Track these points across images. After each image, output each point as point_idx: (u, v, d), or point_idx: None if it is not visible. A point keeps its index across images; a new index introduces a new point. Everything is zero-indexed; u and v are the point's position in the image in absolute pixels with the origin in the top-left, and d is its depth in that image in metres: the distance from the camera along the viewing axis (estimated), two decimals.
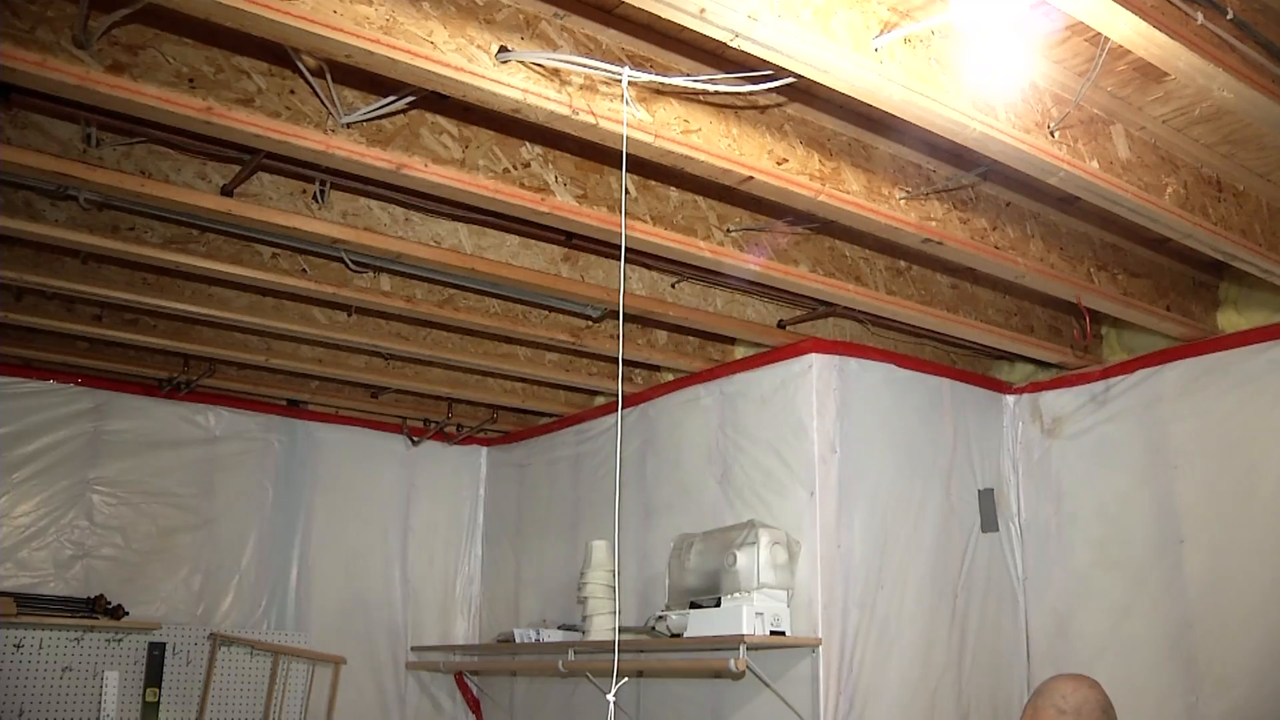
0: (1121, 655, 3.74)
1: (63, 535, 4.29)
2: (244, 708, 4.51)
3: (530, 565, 4.89)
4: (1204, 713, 3.49)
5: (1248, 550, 3.46)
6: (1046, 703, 2.52)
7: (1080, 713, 2.49)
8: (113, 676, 4.24)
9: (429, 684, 5.06)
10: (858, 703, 3.46)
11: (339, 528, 4.93)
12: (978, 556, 3.95)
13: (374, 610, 4.97)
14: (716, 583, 3.47)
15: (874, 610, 3.57)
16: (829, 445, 3.60)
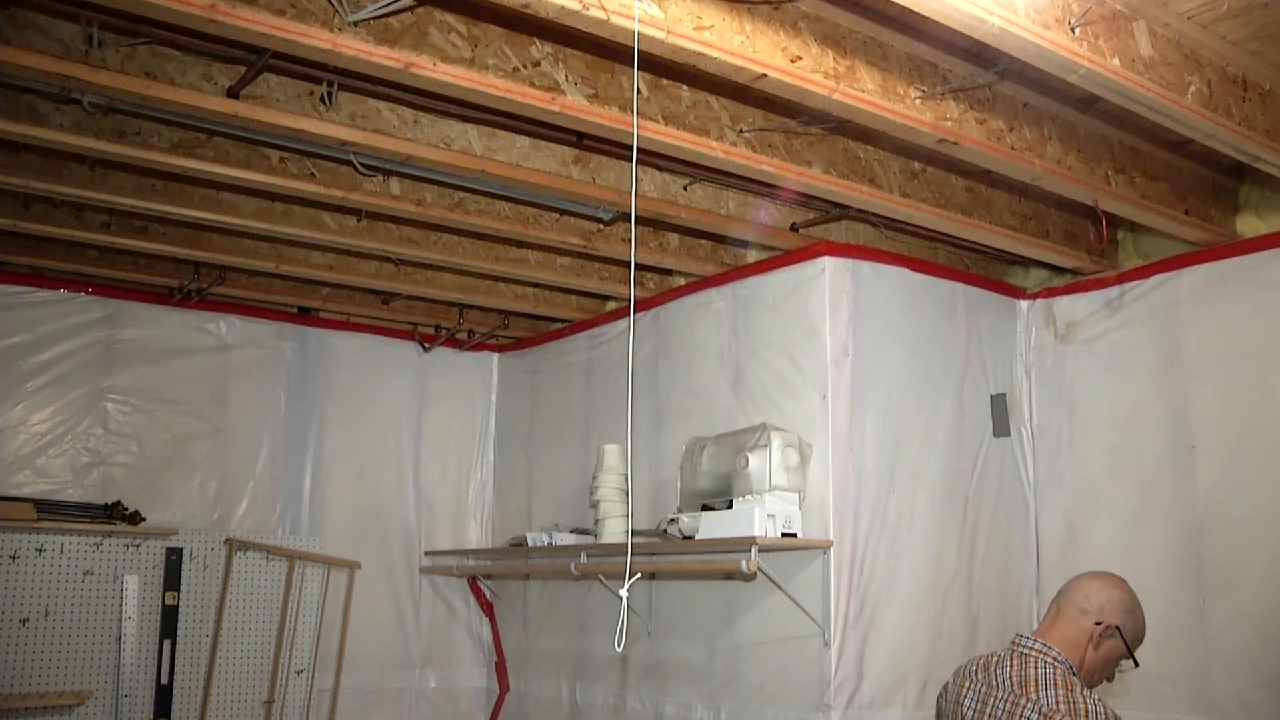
0: (1131, 560, 3.76)
1: (79, 443, 4.33)
2: (260, 611, 4.59)
3: (542, 471, 4.92)
4: (1210, 616, 3.52)
5: (1260, 456, 3.47)
6: (1070, 604, 2.53)
7: (1104, 612, 2.50)
8: (132, 580, 4.31)
9: (443, 588, 5.13)
10: (868, 605, 3.50)
11: (352, 435, 4.96)
12: (989, 462, 3.96)
13: (388, 516, 5.02)
14: (728, 485, 3.49)
15: (885, 513, 3.59)
16: (841, 349, 3.59)
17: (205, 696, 4.41)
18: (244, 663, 4.52)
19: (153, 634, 4.35)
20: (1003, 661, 2.52)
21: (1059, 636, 2.50)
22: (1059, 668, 2.45)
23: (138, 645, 4.30)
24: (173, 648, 4.37)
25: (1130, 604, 2.55)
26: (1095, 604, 2.51)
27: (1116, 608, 2.53)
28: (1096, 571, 2.69)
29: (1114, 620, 2.50)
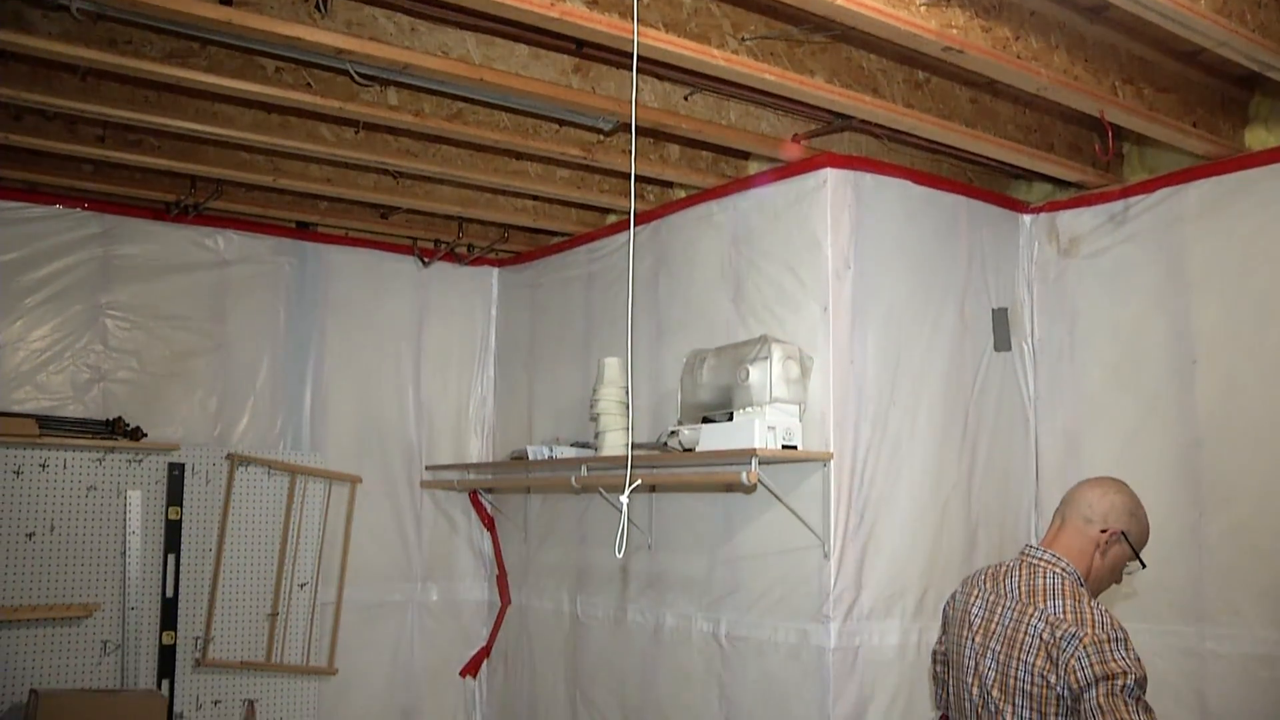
0: (1129, 475, 3.70)
1: (79, 359, 4.32)
2: (263, 526, 4.62)
3: (543, 385, 4.93)
4: (1206, 529, 3.55)
5: (1261, 371, 3.46)
6: (1074, 513, 2.56)
7: (1108, 519, 2.53)
8: (135, 496, 4.33)
9: (444, 502, 5.16)
10: (868, 517, 3.52)
11: (352, 350, 4.95)
12: (990, 376, 3.95)
13: (388, 431, 5.03)
14: (729, 398, 3.48)
15: (885, 427, 3.59)
16: (843, 261, 3.57)
17: (210, 609, 4.46)
18: (247, 576, 4.57)
19: (157, 548, 4.39)
20: (1011, 571, 2.55)
21: (1066, 546, 2.53)
22: (1067, 578, 2.47)
23: (142, 559, 4.33)
24: (177, 562, 4.41)
25: (1132, 506, 2.57)
26: (1099, 512, 2.53)
27: (1120, 513, 2.55)
28: (1097, 478, 2.70)
29: (1119, 526, 2.53)
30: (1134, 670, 2.31)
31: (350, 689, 4.82)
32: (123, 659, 4.26)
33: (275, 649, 4.59)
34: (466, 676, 5.14)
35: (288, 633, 4.63)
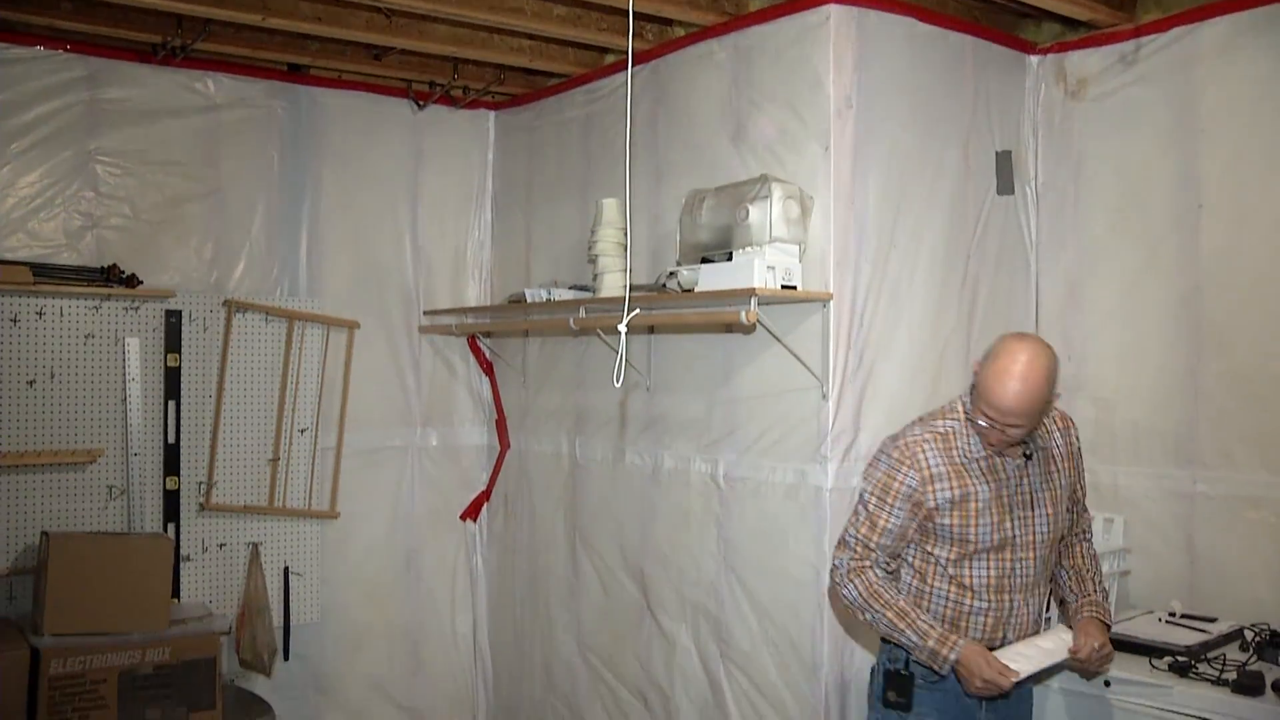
0: (1130, 321, 3.78)
1: (70, 206, 4.26)
2: (262, 372, 4.63)
3: (541, 229, 4.88)
4: (1202, 374, 3.56)
5: (1268, 216, 3.43)
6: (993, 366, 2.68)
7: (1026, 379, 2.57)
8: (133, 343, 4.33)
9: (442, 347, 5.17)
10: (867, 358, 3.52)
11: (347, 195, 4.89)
12: (992, 220, 3.91)
13: (386, 276, 5.00)
14: (728, 237, 3.45)
15: (886, 268, 3.56)
16: (845, 100, 3.49)
17: (212, 455, 4.50)
18: (248, 422, 4.60)
19: (157, 395, 4.40)
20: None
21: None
22: (925, 417, 2.87)
23: (143, 406, 4.35)
24: (178, 408, 4.43)
25: (992, 362, 2.65)
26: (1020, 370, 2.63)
27: (983, 360, 2.68)
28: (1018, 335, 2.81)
29: (974, 369, 2.70)
30: (869, 486, 2.82)
31: (352, 532, 4.90)
32: (128, 503, 4.32)
33: (277, 493, 4.65)
34: (467, 520, 5.22)
35: (289, 478, 4.69)
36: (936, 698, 2.78)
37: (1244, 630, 3.26)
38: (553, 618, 4.73)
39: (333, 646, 4.87)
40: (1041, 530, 2.79)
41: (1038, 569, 2.81)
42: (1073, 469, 2.90)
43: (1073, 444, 2.90)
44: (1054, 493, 2.82)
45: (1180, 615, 3.45)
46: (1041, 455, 2.81)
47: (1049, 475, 2.82)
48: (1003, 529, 2.74)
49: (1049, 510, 2.80)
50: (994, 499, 2.74)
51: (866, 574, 2.78)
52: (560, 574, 4.69)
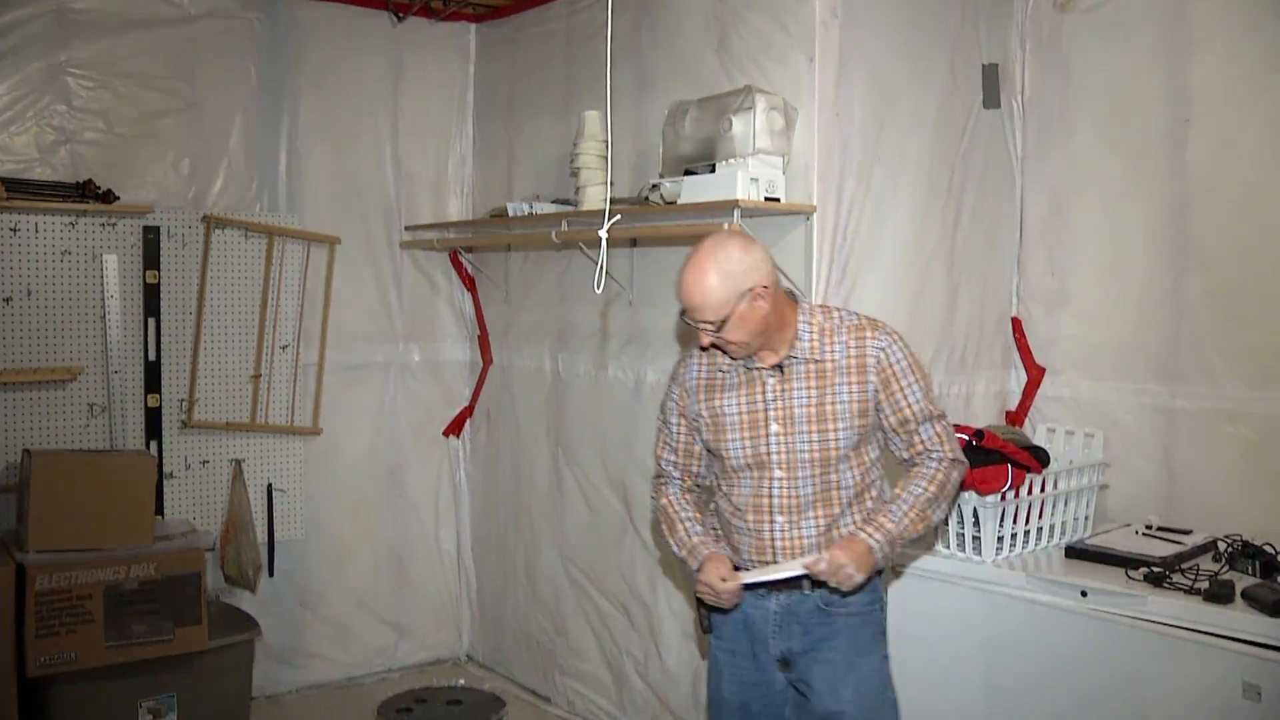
0: (1114, 236, 3.77)
1: (42, 120, 4.18)
2: (242, 288, 4.59)
3: (523, 143, 4.83)
4: (1186, 290, 3.56)
5: (1256, 132, 3.40)
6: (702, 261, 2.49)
7: (694, 269, 2.46)
8: (111, 260, 4.28)
9: (424, 263, 5.13)
10: (850, 271, 3.50)
11: (327, 110, 4.82)
12: (978, 133, 3.88)
13: (367, 192, 4.95)
14: (711, 150, 3.41)
15: (870, 181, 3.53)
16: (830, 11, 3.42)
17: (193, 372, 4.47)
18: (229, 339, 4.57)
19: (136, 312, 4.37)
20: None
21: None
22: None
23: (123, 323, 4.32)
24: (157, 325, 4.40)
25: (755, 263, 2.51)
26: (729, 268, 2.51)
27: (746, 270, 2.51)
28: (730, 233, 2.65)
29: None
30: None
31: (335, 449, 4.91)
32: (110, 421, 4.30)
33: (259, 410, 4.64)
34: (450, 436, 5.23)
35: (271, 394, 4.68)
36: (728, 621, 2.67)
37: (1217, 542, 3.29)
38: (536, 532, 4.76)
39: (317, 562, 4.90)
40: (803, 449, 2.54)
41: (805, 490, 2.56)
42: (880, 385, 2.56)
43: (868, 356, 2.55)
44: (826, 409, 2.54)
45: (1156, 528, 3.49)
46: (811, 369, 2.54)
47: (821, 391, 2.53)
48: (756, 446, 2.56)
49: (814, 428, 2.53)
50: (745, 414, 2.58)
51: (663, 490, 2.75)
52: (543, 488, 4.71)
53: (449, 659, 5.32)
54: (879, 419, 2.60)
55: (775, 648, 2.62)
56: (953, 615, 3.30)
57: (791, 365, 2.56)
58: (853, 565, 2.44)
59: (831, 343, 2.56)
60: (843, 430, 2.54)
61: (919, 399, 2.58)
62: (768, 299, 2.47)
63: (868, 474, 2.61)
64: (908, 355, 2.60)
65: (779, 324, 2.53)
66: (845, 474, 2.57)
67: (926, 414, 2.60)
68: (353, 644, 5.02)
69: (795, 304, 2.61)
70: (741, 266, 2.44)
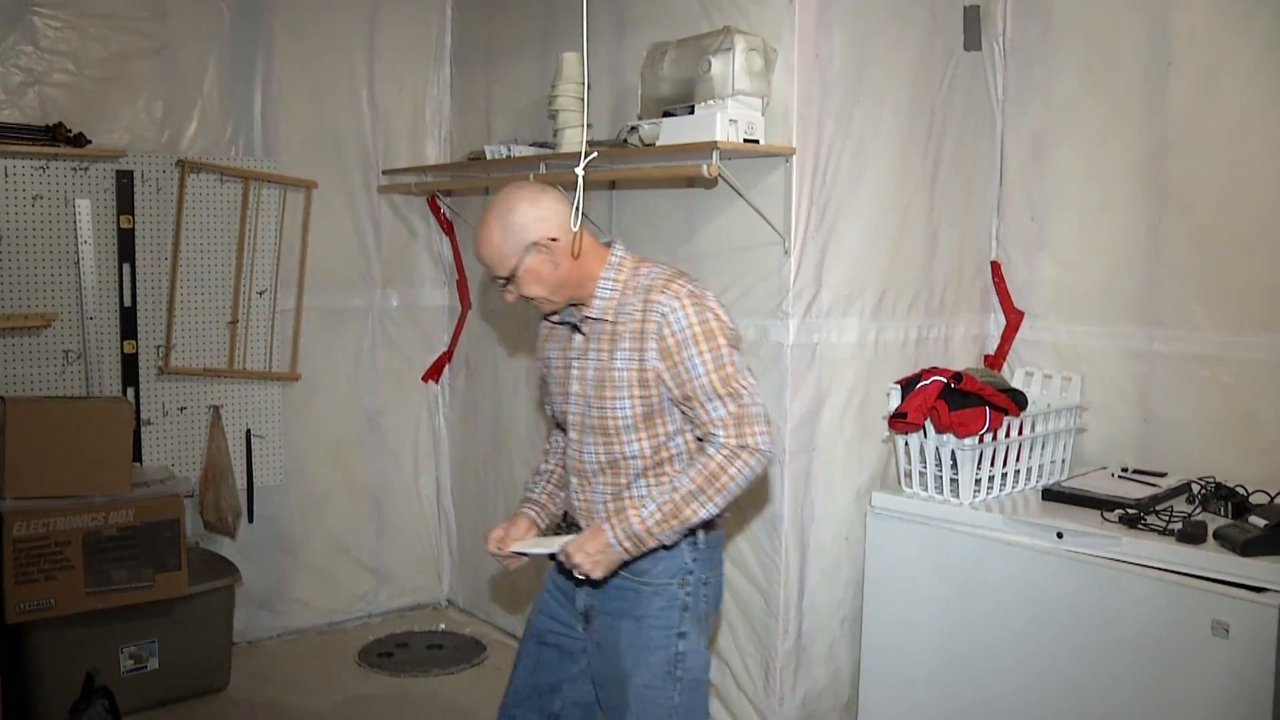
0: (1094, 180, 3.76)
1: (8, 61, 4.10)
2: (218, 234, 4.54)
3: (501, 86, 4.77)
4: (1164, 233, 3.56)
5: (1237, 74, 3.38)
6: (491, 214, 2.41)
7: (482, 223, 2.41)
8: (84, 204, 4.23)
9: (402, 207, 5.09)
10: (829, 214, 3.49)
11: (302, 52, 4.74)
12: (958, 76, 3.85)
13: (343, 136, 4.89)
14: (690, 91, 3.37)
15: (850, 123, 3.51)
16: None
17: (169, 318, 4.44)
18: (205, 284, 4.53)
19: (111, 258, 4.32)
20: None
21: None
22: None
23: (97, 269, 4.27)
24: (133, 271, 4.36)
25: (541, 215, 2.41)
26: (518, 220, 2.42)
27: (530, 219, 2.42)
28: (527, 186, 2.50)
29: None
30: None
31: (314, 394, 4.89)
32: (86, 368, 4.27)
33: (237, 356, 4.61)
34: (429, 381, 5.22)
35: (249, 340, 4.65)
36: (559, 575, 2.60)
37: (1191, 484, 3.33)
38: (515, 477, 4.76)
39: (297, 508, 4.90)
40: (591, 414, 2.42)
41: (589, 456, 2.45)
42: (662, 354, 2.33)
43: (650, 322, 2.33)
44: (606, 375, 2.38)
45: (1132, 471, 3.53)
46: (605, 330, 2.40)
47: (611, 354, 2.37)
48: (561, 405, 2.51)
49: (596, 394, 2.40)
50: (559, 370, 2.51)
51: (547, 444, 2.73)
52: (522, 433, 4.71)
53: (429, 604, 5.34)
54: (664, 392, 2.38)
55: (580, 601, 2.55)
56: (930, 557, 3.33)
57: (588, 325, 2.43)
58: (587, 564, 2.33)
59: (627, 304, 2.38)
60: (622, 401, 2.36)
61: (703, 373, 2.32)
62: (558, 251, 2.35)
63: (664, 446, 2.40)
64: (699, 322, 2.33)
65: (580, 278, 2.40)
66: (632, 445, 2.40)
67: (712, 391, 2.32)
68: (333, 589, 5.04)
69: (606, 256, 2.45)
70: (526, 219, 2.34)
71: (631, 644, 2.45)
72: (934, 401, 3.23)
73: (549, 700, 2.61)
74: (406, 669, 4.57)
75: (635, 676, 2.44)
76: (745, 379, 2.36)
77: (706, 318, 2.35)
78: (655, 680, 2.43)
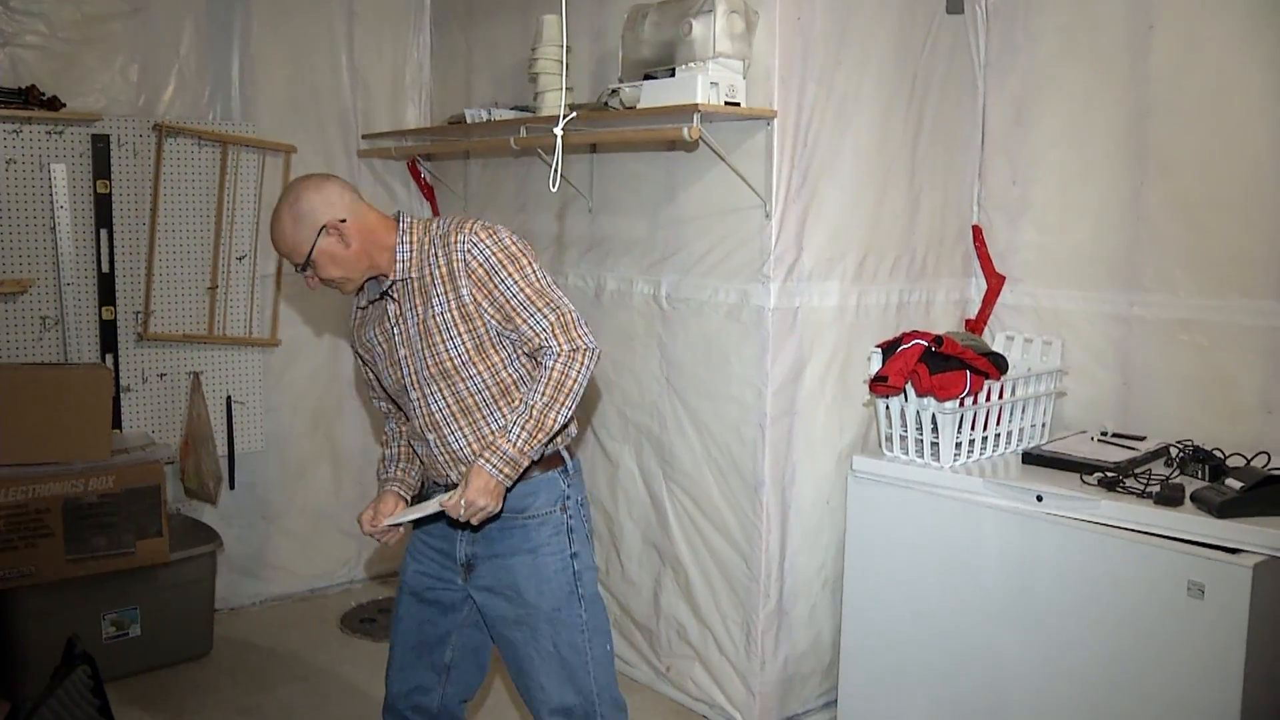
0: (1076, 144, 3.75)
1: None
2: (196, 198, 4.50)
3: (481, 49, 4.73)
4: (1146, 198, 3.56)
5: (1219, 38, 3.37)
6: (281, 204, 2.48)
7: (273, 213, 2.48)
8: (60, 169, 4.18)
9: (382, 172, 5.06)
10: (811, 177, 3.47)
11: (280, 14, 4.68)
12: (940, 40, 3.83)
13: (323, 100, 4.85)
14: (671, 54, 3.35)
15: (832, 86, 3.49)
16: None
17: (148, 284, 4.41)
18: (184, 250, 4.49)
19: (88, 223, 4.28)
20: None
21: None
22: None
23: (74, 234, 4.23)
24: (110, 236, 4.32)
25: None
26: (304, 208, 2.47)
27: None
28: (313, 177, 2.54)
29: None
30: None
31: (295, 360, 4.87)
32: (63, 334, 4.24)
33: (217, 322, 4.58)
34: None
35: (228, 306, 4.62)
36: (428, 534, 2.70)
37: (1169, 447, 3.35)
38: None
39: (278, 474, 4.89)
40: (423, 366, 2.50)
41: (438, 404, 2.53)
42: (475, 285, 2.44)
43: (455, 261, 2.44)
44: (430, 323, 2.47)
45: (1111, 434, 3.54)
46: (415, 287, 2.49)
47: (427, 307, 2.47)
48: (396, 372, 2.56)
49: (423, 344, 2.48)
50: (383, 344, 2.57)
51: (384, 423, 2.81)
52: None
53: None
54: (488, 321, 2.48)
55: (462, 552, 2.63)
56: (911, 520, 3.34)
57: (397, 288, 2.51)
58: (482, 499, 2.37)
59: (428, 257, 2.48)
60: (450, 341, 2.47)
61: (518, 291, 2.43)
62: (348, 231, 2.44)
63: (501, 372, 2.50)
64: (500, 249, 2.44)
65: (374, 250, 2.49)
66: (473, 379, 2.49)
67: (531, 306, 2.43)
68: (315, 556, 5.04)
69: (394, 225, 2.54)
70: (310, 205, 2.42)
71: (531, 576, 2.55)
72: (915, 365, 3.23)
73: (439, 654, 2.71)
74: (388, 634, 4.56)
75: (542, 605, 2.55)
76: (555, 289, 2.49)
77: (505, 243, 2.47)
78: (561, 603, 2.57)
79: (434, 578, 2.67)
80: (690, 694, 3.88)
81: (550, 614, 2.56)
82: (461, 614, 2.70)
